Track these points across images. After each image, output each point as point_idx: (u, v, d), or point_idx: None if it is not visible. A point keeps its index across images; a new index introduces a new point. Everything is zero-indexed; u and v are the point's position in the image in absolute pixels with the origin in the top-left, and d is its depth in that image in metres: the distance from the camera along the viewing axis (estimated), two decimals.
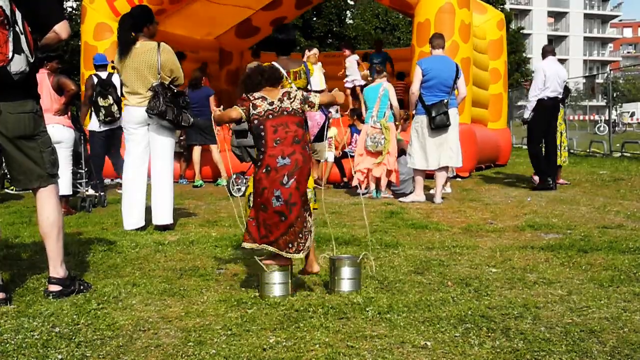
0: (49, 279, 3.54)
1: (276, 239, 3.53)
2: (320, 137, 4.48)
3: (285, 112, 3.56)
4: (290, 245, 3.53)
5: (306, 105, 3.65)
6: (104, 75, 8.29)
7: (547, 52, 9.33)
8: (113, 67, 8.16)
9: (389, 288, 3.68)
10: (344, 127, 9.95)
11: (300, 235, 3.53)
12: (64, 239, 3.62)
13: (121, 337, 2.89)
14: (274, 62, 5.35)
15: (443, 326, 2.98)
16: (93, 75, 8.33)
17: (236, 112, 3.62)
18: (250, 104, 3.58)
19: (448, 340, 2.80)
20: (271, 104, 3.57)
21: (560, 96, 9.12)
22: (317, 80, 8.05)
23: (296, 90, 3.73)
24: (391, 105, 8.28)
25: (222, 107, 4.63)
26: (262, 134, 3.53)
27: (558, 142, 9.81)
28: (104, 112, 8.06)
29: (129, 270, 4.20)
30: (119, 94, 8.15)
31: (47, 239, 3.52)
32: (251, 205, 5.46)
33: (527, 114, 9.10)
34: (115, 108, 8.04)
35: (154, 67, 5.55)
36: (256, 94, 3.62)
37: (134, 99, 5.67)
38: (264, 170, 3.52)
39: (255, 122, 3.57)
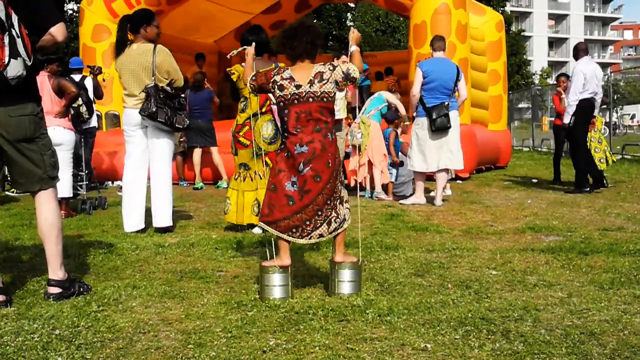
0: (49, 281, 3.54)
1: (276, 220, 3.54)
2: None
3: (311, 99, 3.52)
4: (294, 230, 3.54)
5: (348, 82, 3.62)
6: (77, 78, 8.71)
7: (580, 50, 8.72)
8: (91, 72, 8.57)
9: (389, 290, 3.68)
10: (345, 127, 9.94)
11: (308, 222, 3.52)
12: (63, 241, 3.62)
13: (121, 339, 2.89)
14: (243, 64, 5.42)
15: (443, 328, 2.98)
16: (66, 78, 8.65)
17: (244, 81, 3.81)
18: (276, 86, 3.57)
19: (448, 343, 2.80)
20: (298, 87, 3.53)
21: (597, 97, 8.64)
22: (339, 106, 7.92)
23: (332, 70, 3.58)
24: (389, 106, 8.50)
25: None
26: (286, 118, 3.56)
27: (603, 147, 9.68)
28: (72, 112, 8.37)
29: (129, 272, 4.20)
30: (90, 96, 8.63)
31: (46, 241, 3.52)
32: (225, 210, 5.59)
33: (567, 119, 8.57)
34: (84, 109, 8.48)
35: (149, 69, 5.55)
36: (285, 74, 3.58)
37: (130, 101, 5.68)
38: (285, 154, 3.56)
39: (281, 104, 3.59)
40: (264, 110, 5.47)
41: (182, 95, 5.85)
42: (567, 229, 5.71)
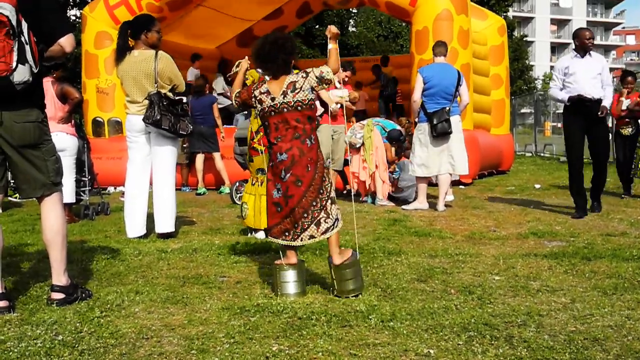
0: (52, 287, 3.54)
1: (270, 227, 3.76)
2: None
3: (285, 109, 3.68)
4: (286, 234, 3.72)
5: (323, 85, 3.75)
6: None
7: None
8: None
9: (392, 296, 3.68)
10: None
11: (296, 225, 3.67)
12: (67, 247, 3.63)
13: (124, 345, 2.89)
14: (258, 69, 5.44)
15: (446, 334, 2.97)
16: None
17: (230, 97, 4.00)
18: (256, 101, 3.75)
19: (451, 349, 2.80)
20: (273, 99, 3.70)
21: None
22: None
23: (305, 77, 3.72)
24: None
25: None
26: (268, 130, 3.74)
27: None
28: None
29: (132, 278, 4.21)
30: None
31: (51, 247, 3.53)
32: (243, 215, 5.65)
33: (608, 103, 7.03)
34: None
35: (151, 76, 5.56)
36: (262, 88, 3.74)
37: (133, 108, 5.70)
38: (270, 164, 3.75)
39: (261, 118, 3.78)
40: None
41: (185, 101, 5.85)
42: (570, 235, 5.70)
